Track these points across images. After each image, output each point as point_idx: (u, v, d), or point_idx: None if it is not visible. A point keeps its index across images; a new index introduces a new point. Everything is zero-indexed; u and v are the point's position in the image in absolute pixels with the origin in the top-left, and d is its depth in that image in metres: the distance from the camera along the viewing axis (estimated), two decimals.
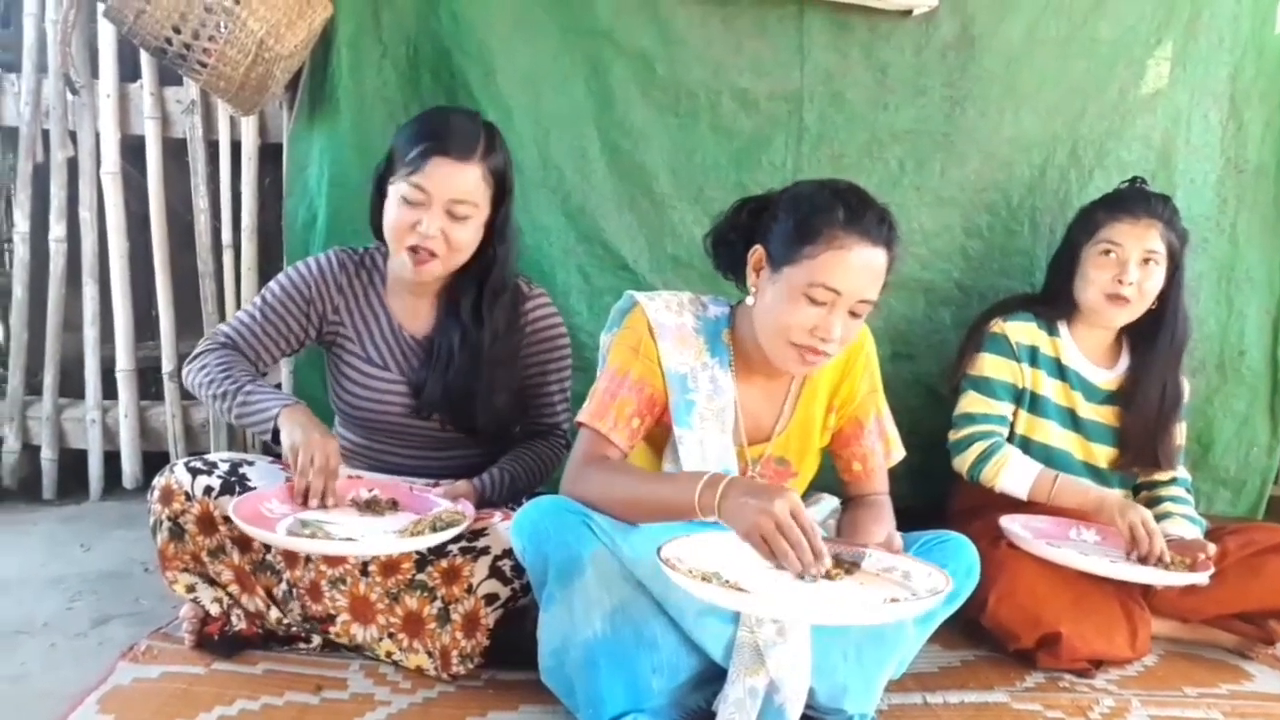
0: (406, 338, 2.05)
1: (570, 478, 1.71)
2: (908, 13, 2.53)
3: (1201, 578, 1.98)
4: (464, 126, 1.90)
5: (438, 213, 1.87)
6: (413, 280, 1.97)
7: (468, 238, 1.92)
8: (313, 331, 2.06)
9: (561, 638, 1.61)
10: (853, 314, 1.66)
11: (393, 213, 1.90)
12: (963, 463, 2.22)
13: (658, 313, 1.78)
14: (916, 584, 1.53)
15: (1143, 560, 2.01)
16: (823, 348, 1.66)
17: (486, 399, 2.00)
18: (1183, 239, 2.23)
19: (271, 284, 2.06)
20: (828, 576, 1.51)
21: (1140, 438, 2.27)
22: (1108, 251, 2.19)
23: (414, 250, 1.90)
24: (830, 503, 1.94)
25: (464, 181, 1.88)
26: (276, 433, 1.84)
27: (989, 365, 2.27)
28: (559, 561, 1.59)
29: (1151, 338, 2.26)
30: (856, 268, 1.63)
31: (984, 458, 2.19)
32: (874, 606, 1.44)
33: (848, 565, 1.59)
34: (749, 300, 1.75)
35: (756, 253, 1.73)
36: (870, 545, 1.64)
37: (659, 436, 1.81)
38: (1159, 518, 2.19)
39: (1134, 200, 2.22)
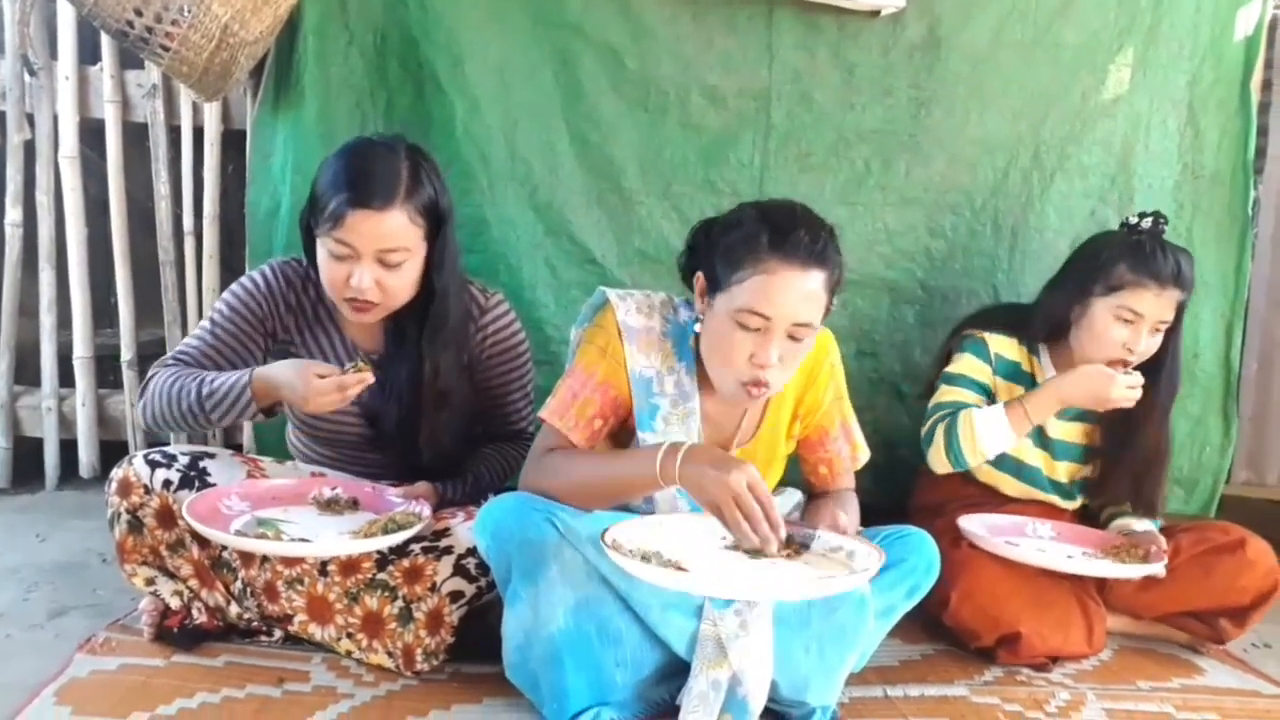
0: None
1: (528, 471, 1.72)
2: (875, 13, 2.55)
3: (1157, 569, 2.02)
4: (382, 168, 1.79)
5: (368, 264, 1.79)
6: (354, 321, 1.92)
7: (404, 282, 1.84)
8: (269, 346, 2.00)
9: (525, 633, 1.61)
10: (792, 338, 1.63)
11: (325, 267, 1.82)
12: (936, 454, 2.16)
13: (628, 314, 1.77)
14: (859, 563, 1.56)
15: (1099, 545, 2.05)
16: (764, 376, 1.63)
17: (429, 438, 1.96)
18: (1189, 295, 2.15)
19: (218, 304, 1.98)
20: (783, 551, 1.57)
21: (1124, 487, 2.24)
22: (1126, 320, 2.11)
23: (351, 301, 1.84)
24: (794, 496, 1.96)
25: (389, 230, 1.77)
26: (263, 411, 1.82)
27: (962, 364, 2.23)
28: (522, 558, 1.60)
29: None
30: (784, 291, 1.60)
31: (950, 434, 2.12)
32: (802, 581, 1.48)
33: (797, 546, 1.62)
34: (696, 327, 1.74)
35: (699, 280, 1.72)
36: (820, 527, 1.66)
37: (624, 439, 1.81)
38: (1114, 516, 2.24)
39: (1162, 264, 2.08)
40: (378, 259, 1.79)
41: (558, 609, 1.59)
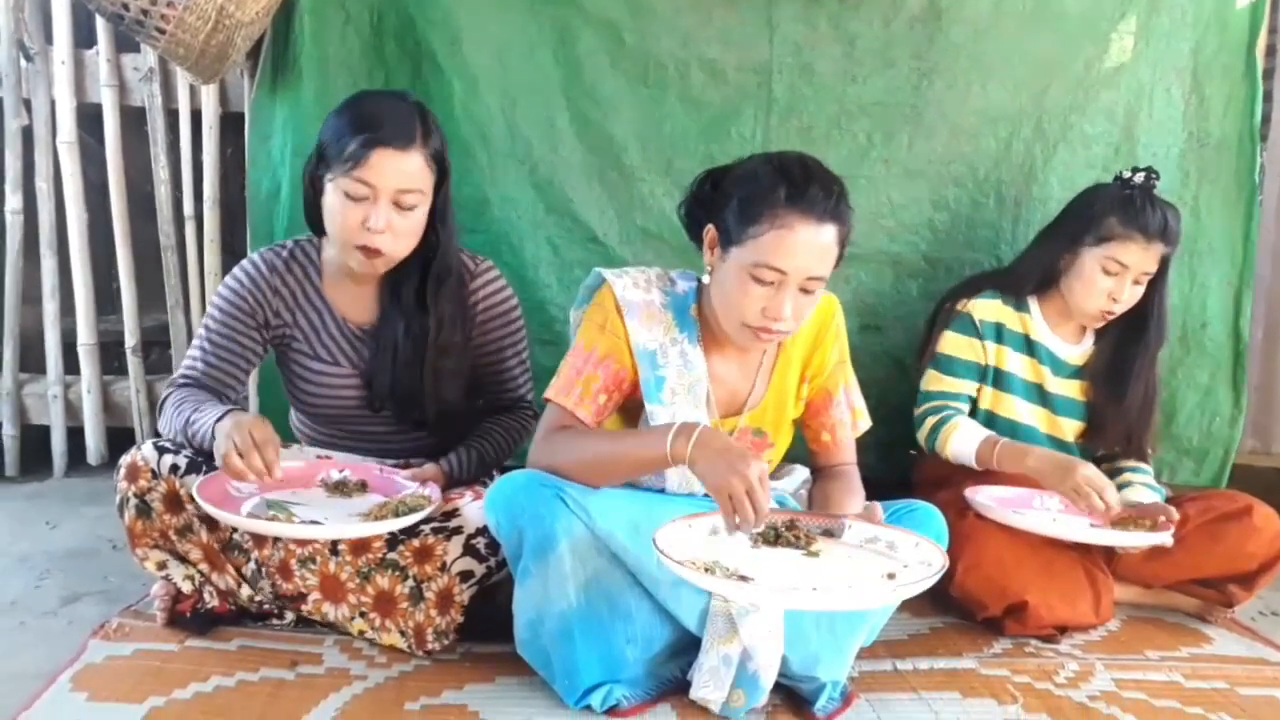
0: (352, 330, 2.01)
1: (536, 449, 1.72)
2: None
3: (1164, 538, 2.02)
4: (399, 112, 1.83)
5: (384, 205, 1.81)
6: (359, 272, 1.91)
7: (413, 229, 1.87)
8: (267, 338, 2.01)
9: (537, 610, 1.62)
10: (804, 291, 1.65)
11: (337, 211, 1.83)
12: (921, 435, 2.27)
13: (625, 290, 1.77)
14: (903, 554, 1.56)
15: (1104, 518, 2.05)
16: (775, 327, 1.65)
17: (434, 392, 1.97)
18: (1175, 249, 2.21)
19: (210, 310, 1.99)
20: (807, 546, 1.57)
21: (1119, 435, 2.31)
22: (1111, 271, 2.17)
23: (363, 248, 1.84)
24: (801, 473, 1.97)
25: (408, 170, 1.81)
26: None
27: (951, 344, 2.29)
28: (533, 535, 1.60)
29: (1129, 331, 2.28)
30: (801, 246, 1.61)
31: (936, 429, 2.22)
32: (881, 588, 1.46)
33: (830, 535, 1.62)
34: (705, 279, 1.76)
35: (710, 232, 1.72)
36: (849, 516, 1.66)
37: (634, 411, 1.81)
38: (1119, 487, 2.23)
39: (1150, 218, 2.14)
40: (394, 200, 1.81)
41: (568, 585, 1.60)
